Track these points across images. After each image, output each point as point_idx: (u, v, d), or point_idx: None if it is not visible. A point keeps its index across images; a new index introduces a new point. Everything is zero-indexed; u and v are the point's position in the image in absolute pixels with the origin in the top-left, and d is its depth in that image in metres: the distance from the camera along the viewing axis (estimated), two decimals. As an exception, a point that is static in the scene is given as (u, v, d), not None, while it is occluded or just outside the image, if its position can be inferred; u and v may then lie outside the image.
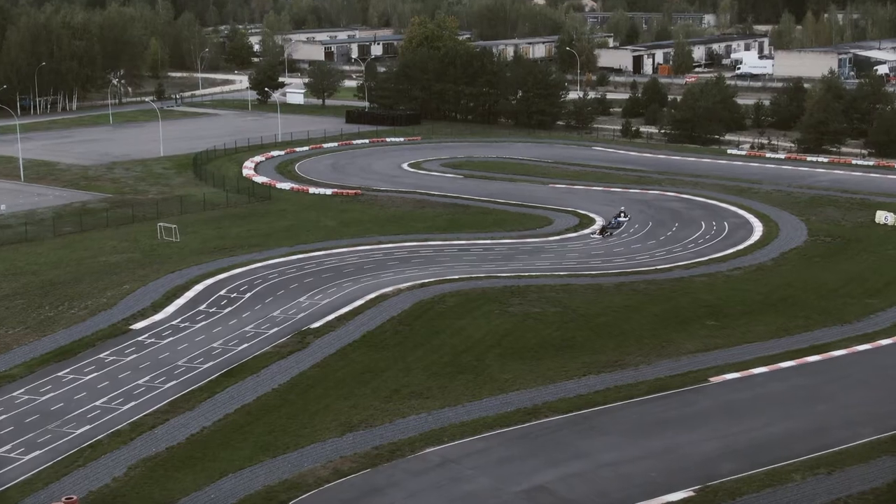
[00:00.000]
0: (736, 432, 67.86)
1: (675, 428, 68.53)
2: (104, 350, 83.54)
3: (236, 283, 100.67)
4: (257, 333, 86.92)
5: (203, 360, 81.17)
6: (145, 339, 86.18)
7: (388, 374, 77.72)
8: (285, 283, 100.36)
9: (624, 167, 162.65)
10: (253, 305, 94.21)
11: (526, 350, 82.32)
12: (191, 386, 75.95)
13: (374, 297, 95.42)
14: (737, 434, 67.65)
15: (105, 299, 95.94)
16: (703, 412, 70.89)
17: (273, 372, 78.55)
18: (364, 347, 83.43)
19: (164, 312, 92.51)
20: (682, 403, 72.34)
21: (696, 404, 72.28)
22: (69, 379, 77.42)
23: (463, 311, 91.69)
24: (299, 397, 73.65)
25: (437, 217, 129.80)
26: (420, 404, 71.99)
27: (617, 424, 69.13)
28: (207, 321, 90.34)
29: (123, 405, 72.73)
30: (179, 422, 69.82)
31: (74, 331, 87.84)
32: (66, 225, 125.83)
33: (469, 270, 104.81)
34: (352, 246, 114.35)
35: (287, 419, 69.98)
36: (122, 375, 78.07)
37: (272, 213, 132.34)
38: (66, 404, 72.78)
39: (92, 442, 67.07)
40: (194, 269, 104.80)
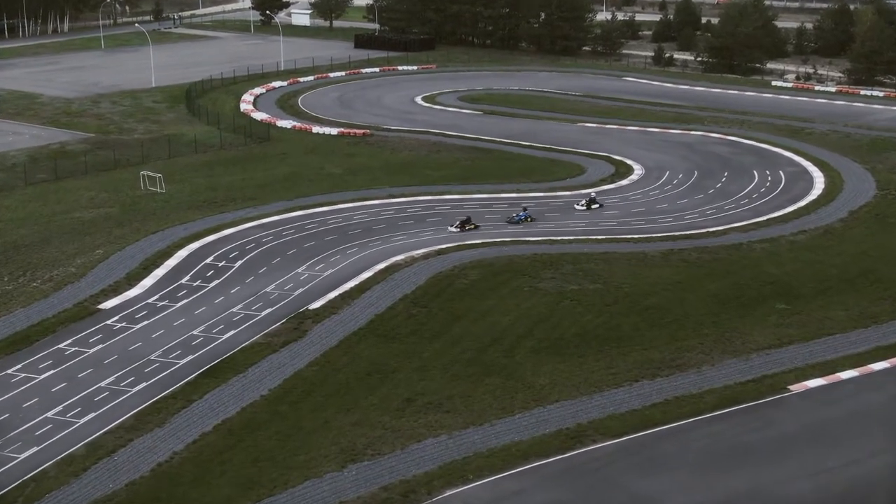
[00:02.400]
0: (831, 468, 54.84)
1: (757, 460, 55.44)
2: (65, 338, 70.56)
3: (226, 247, 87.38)
4: (247, 316, 73.85)
5: (181, 352, 68.21)
6: (115, 322, 73.15)
7: (399, 375, 64.70)
8: (282, 249, 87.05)
9: (659, 101, 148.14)
10: (243, 278, 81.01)
11: (564, 343, 69.10)
12: (163, 390, 63.07)
13: (383, 268, 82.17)
14: (833, 471, 54.63)
15: (73, 268, 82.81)
16: (788, 437, 57.75)
17: (263, 371, 65.59)
18: (371, 337, 70.32)
19: (141, 287, 79.39)
20: (761, 423, 59.25)
21: (777, 424, 59.17)
22: (19, 379, 64.55)
23: (487, 288, 78.42)
24: (292, 409, 60.74)
25: (454, 163, 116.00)
26: (438, 420, 59.03)
27: (683, 453, 56.12)
28: (189, 299, 77.24)
29: (80, 417, 59.93)
30: (146, 443, 57.01)
31: (34, 311, 74.81)
32: (41, 171, 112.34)
33: (492, 233, 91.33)
34: (359, 200, 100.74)
35: (276, 441, 57.14)
36: (82, 374, 65.18)
37: (271, 158, 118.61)
38: (12, 416, 59.98)
39: (37, 472, 54.32)
40: (179, 230, 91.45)
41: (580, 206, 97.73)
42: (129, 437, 57.46)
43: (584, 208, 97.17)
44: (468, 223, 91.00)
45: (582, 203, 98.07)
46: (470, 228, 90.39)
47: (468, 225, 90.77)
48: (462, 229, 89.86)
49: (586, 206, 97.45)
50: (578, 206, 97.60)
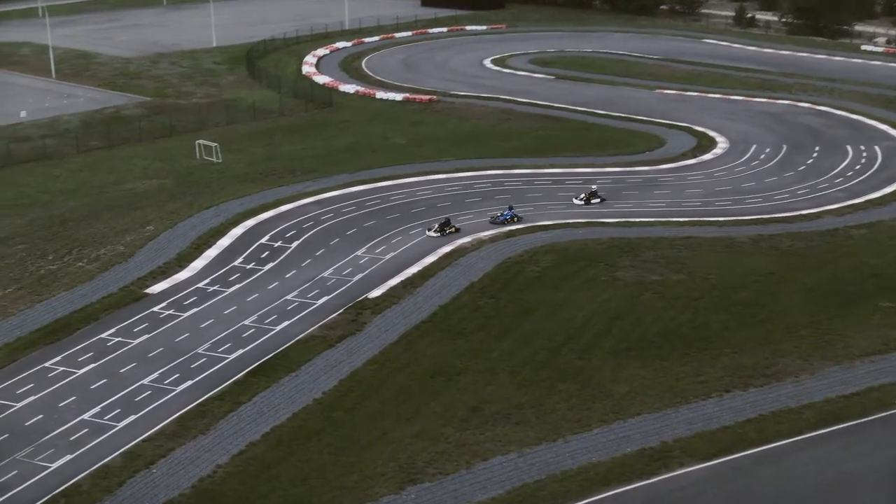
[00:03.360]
0: (953, 504, 48.56)
1: (867, 497, 49.20)
2: (109, 326, 65.97)
3: (282, 225, 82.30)
4: (302, 305, 68.72)
5: (230, 345, 63.29)
6: (162, 309, 68.44)
7: (465, 378, 59.17)
8: (341, 228, 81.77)
9: (743, 66, 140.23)
10: (300, 260, 75.88)
11: (645, 344, 63.06)
12: (210, 390, 58.15)
13: (449, 252, 76.57)
14: (955, 508, 48.36)
15: (122, 247, 78.24)
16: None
17: (317, 369, 60.43)
18: (435, 332, 64.83)
19: (191, 269, 74.58)
20: (869, 446, 52.89)
21: (887, 448, 52.79)
22: (57, 374, 60.06)
23: (560, 278, 72.50)
24: (347, 416, 55.50)
25: (525, 134, 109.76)
26: (508, 434, 53.41)
27: (783, 483, 49.91)
28: (242, 284, 72.29)
29: (119, 420, 55.22)
30: (187, 453, 52.11)
31: (77, 295, 70.36)
32: (94, 137, 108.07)
33: (565, 213, 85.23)
34: (423, 174, 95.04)
35: (329, 455, 51.92)
36: (124, 370, 60.52)
37: (332, 125, 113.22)
38: (46, 418, 55.46)
39: (68, 486, 49.68)
40: (234, 205, 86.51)
41: (579, 200, 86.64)
42: (170, 447, 52.63)
43: (582, 202, 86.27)
44: (448, 226, 79.62)
45: (581, 197, 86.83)
46: (450, 231, 79.26)
47: (448, 228, 79.49)
48: (442, 233, 78.93)
49: (585, 201, 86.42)
50: (577, 201, 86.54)
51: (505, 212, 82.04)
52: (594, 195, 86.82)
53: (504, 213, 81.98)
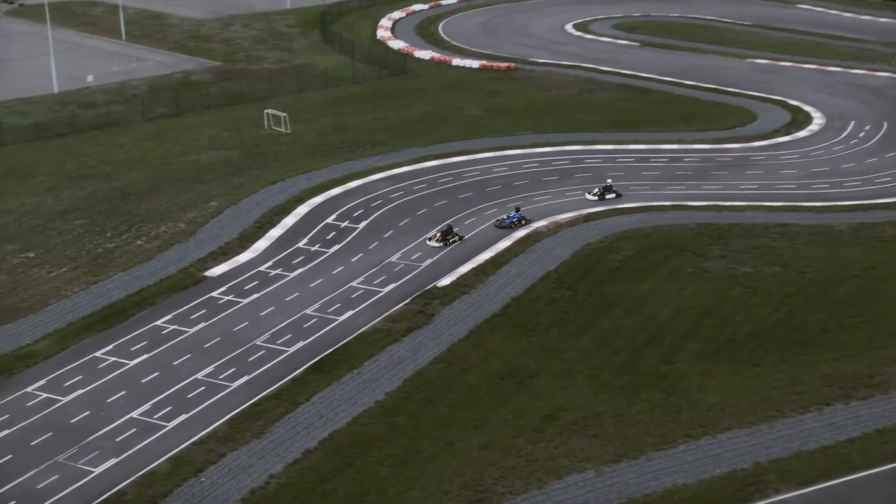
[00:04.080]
0: None
1: None
2: (165, 312, 62.68)
3: (350, 203, 78.40)
4: (367, 293, 64.82)
5: (290, 336, 59.63)
6: (221, 295, 64.99)
7: (538, 382, 54.82)
8: (411, 207, 77.65)
9: (839, 34, 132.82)
10: (367, 243, 71.98)
11: (736, 346, 58.13)
12: (267, 387, 54.50)
13: (523, 237, 72.11)
14: None
15: (183, 224, 74.98)
16: None
17: (380, 366, 56.49)
18: (507, 327, 60.53)
19: (253, 250, 71.04)
20: None
21: None
22: (108, 365, 56.86)
23: (643, 268, 67.68)
24: (411, 422, 51.48)
25: (607, 105, 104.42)
26: (584, 449, 48.95)
27: (889, 516, 45.16)
28: (306, 268, 68.60)
29: (169, 419, 51.82)
30: (239, 460, 48.51)
31: (134, 276, 67.21)
32: (161, 104, 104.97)
33: (649, 195, 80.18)
34: (499, 149, 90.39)
35: (390, 468, 47.96)
36: (178, 361, 57.15)
37: (406, 94, 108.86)
38: (93, 414, 52.24)
39: (111, 495, 46.33)
40: (301, 180, 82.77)
41: (592, 195, 78.63)
42: (221, 451, 49.08)
43: (595, 198, 78.27)
44: (451, 234, 71.18)
45: (595, 192, 78.74)
46: (454, 241, 70.84)
47: (451, 237, 71.04)
48: (445, 243, 70.61)
49: (599, 196, 78.45)
50: (590, 196, 78.59)
51: (512, 214, 73.85)
52: (609, 190, 78.53)
53: (511, 215, 73.75)
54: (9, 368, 56.44)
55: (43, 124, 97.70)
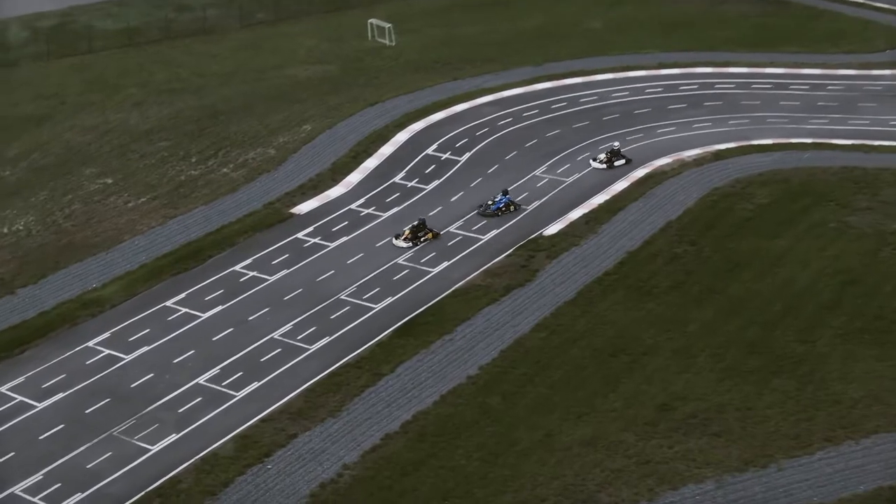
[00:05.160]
0: None
1: None
2: (245, 255, 57.38)
3: (453, 131, 71.78)
4: (465, 241, 58.56)
5: (378, 291, 53.80)
6: (307, 236, 59.42)
7: (653, 361, 48.02)
8: (519, 138, 70.72)
9: None
10: (468, 179, 65.54)
11: (885, 325, 50.26)
12: (349, 352, 48.81)
13: (642, 177, 64.80)
14: None
15: (273, 150, 69.36)
16: None
17: (475, 332, 50.32)
18: (620, 289, 53.69)
19: (345, 184, 65.18)
20: None
21: None
22: (179, 317, 51.82)
23: (779, 221, 59.89)
24: (506, 405, 45.32)
25: (741, 20, 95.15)
26: (704, 450, 42.21)
27: None
28: (401, 207, 62.58)
29: (239, 388, 46.54)
30: (311, 444, 43.06)
31: (215, 211, 62.06)
32: (260, 9, 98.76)
33: (786, 130, 71.69)
34: (620, 70, 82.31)
35: (479, 463, 41.96)
36: (254, 317, 51.84)
37: (519, 3, 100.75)
38: (156, 378, 47.23)
39: (165, 481, 41.34)
40: (402, 102, 76.16)
41: (598, 162, 66.36)
42: (293, 432, 43.70)
43: (603, 166, 66.05)
44: (421, 230, 58.53)
45: (600, 158, 66.48)
46: (425, 239, 58.34)
47: (422, 233, 58.44)
48: (414, 242, 58.15)
49: (607, 163, 66.07)
50: (596, 163, 66.35)
51: (498, 198, 61.30)
52: (617, 154, 66.46)
53: (498, 199, 61.24)
54: (73, 317, 51.88)
55: (135, 29, 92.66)
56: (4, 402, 45.62)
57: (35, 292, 53.99)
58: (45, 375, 47.29)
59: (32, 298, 53.43)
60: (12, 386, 46.58)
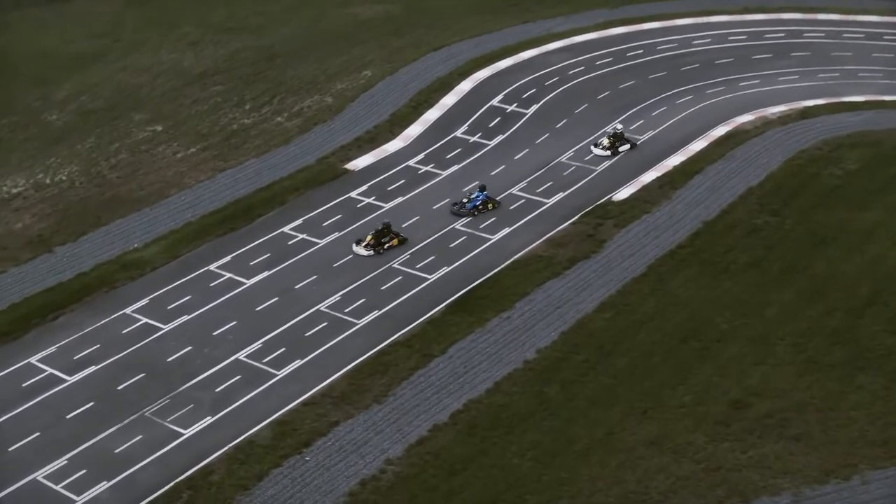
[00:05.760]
0: None
1: None
2: (295, 215, 54.35)
3: (521, 80, 67.78)
4: (528, 205, 54.93)
5: (433, 260, 50.43)
6: (361, 196, 56.12)
7: (727, 349, 44.07)
8: (591, 89, 66.51)
9: None
10: (534, 135, 61.69)
11: None
12: (398, 329, 45.57)
13: (722, 136, 60.45)
14: None
15: (330, 98, 65.95)
16: None
17: (535, 310, 46.75)
18: (694, 264, 49.68)
19: (404, 138, 61.66)
20: None
21: None
22: (221, 284, 48.90)
23: (869, 190, 55.35)
24: (565, 396, 41.82)
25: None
26: (781, 456, 38.41)
27: None
28: (461, 164, 59.00)
29: (281, 365, 43.59)
30: (353, 434, 40.01)
31: (266, 165, 59.00)
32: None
33: (880, 86, 66.50)
34: (703, 13, 77.21)
35: (532, 463, 38.58)
36: (301, 284, 48.80)
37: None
38: (194, 351, 44.43)
39: (197, 470, 38.62)
40: (467, 46, 72.14)
41: (600, 148, 59.07)
42: (334, 419, 40.73)
43: (606, 153, 58.80)
44: (386, 235, 51.15)
45: (602, 143, 59.20)
46: (390, 246, 51.02)
47: (386, 239, 51.07)
48: (376, 249, 50.76)
49: (609, 149, 58.82)
50: (598, 150, 59.01)
51: (474, 195, 54.14)
52: (621, 139, 59.31)
53: (474, 196, 54.05)
54: (111, 280, 49.27)
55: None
56: (33, 375, 43.22)
57: (74, 251, 51.50)
58: (78, 345, 44.81)
59: (71, 258, 50.95)
60: (43, 357, 44.17)
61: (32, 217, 54.54)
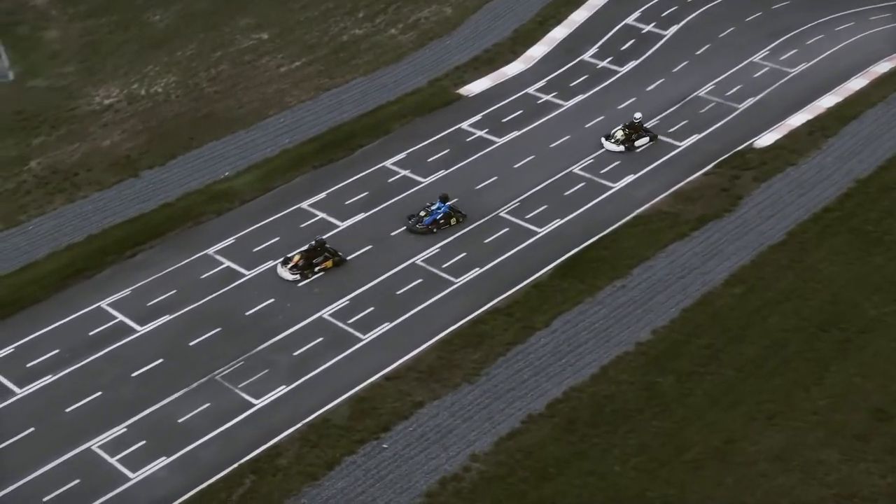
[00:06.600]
0: None
1: None
2: (399, 147, 49.79)
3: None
4: (657, 149, 49.05)
5: (546, 209, 45.42)
6: (472, 128, 51.13)
7: (874, 342, 38.27)
8: (740, 9, 59.54)
9: None
10: (671, 62, 55.60)
11: None
12: (499, 291, 41.02)
13: (886, 73, 53.30)
14: None
15: (450, 8, 60.85)
16: None
17: (655, 277, 41.50)
18: (842, 232, 43.56)
19: (526, 59, 56.37)
20: None
21: None
22: (311, 226, 44.83)
23: None
24: (679, 390, 36.77)
25: None
26: (929, 482, 33.26)
27: None
28: (586, 95, 53.44)
29: (367, 329, 39.47)
30: (439, 419, 35.75)
31: (374, 84, 54.50)
32: None
33: None
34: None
35: (634, 473, 33.85)
36: (396, 233, 44.40)
37: None
38: (275, 306, 40.68)
39: (265, 450, 35.06)
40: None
41: (612, 141, 48.77)
42: (418, 399, 36.60)
43: (619, 147, 48.46)
44: (318, 255, 42.14)
45: (616, 136, 48.84)
46: (321, 269, 41.93)
47: (319, 259, 42.07)
48: (304, 273, 41.70)
49: (624, 143, 48.55)
50: (610, 144, 48.69)
51: (435, 206, 44.49)
52: (638, 130, 49.03)
53: (434, 209, 44.38)
54: (197, 213, 45.73)
55: None
56: (103, 322, 40.10)
57: (161, 176, 48.04)
58: (154, 289, 41.49)
59: (157, 184, 47.52)
60: (115, 301, 41.01)
61: (122, 134, 51.14)
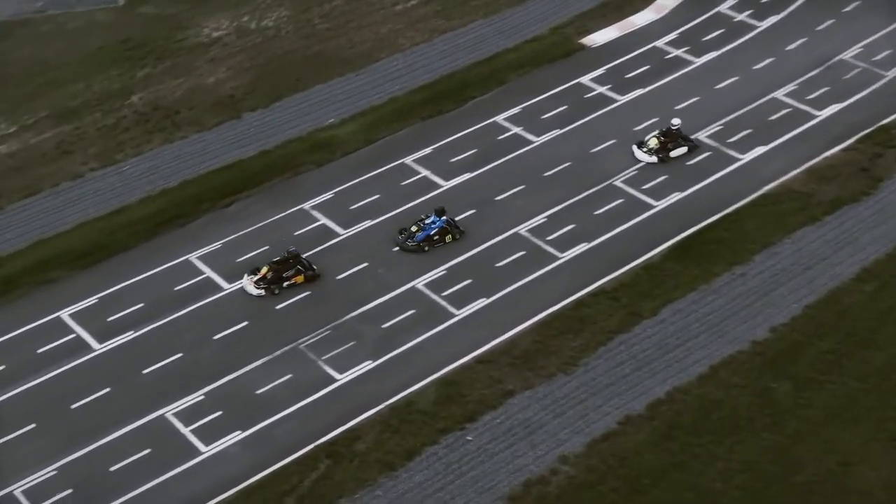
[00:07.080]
0: None
1: None
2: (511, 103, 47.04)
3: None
4: (793, 117, 45.22)
5: (660, 183, 42.12)
6: (593, 83, 47.83)
7: None
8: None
9: None
10: (816, 17, 51.30)
11: None
12: (605, 272, 38.20)
13: None
14: None
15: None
16: None
17: (778, 266, 38.19)
18: None
19: (657, 9, 53.06)
20: None
21: None
22: (411, 185, 42.50)
23: None
24: (795, 399, 33.57)
25: None
26: None
27: None
28: (719, 52, 49.63)
29: (462, 304, 37.12)
30: (529, 412, 33.34)
31: (492, 30, 52.03)
32: None
33: None
34: None
35: (740, 495, 30.91)
36: (501, 197, 41.77)
37: None
38: (365, 273, 38.60)
39: (341, 432, 33.16)
40: None
41: (644, 150, 42.89)
42: (509, 387, 34.27)
43: (653, 158, 42.60)
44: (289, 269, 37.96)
45: (649, 145, 42.99)
46: (290, 283, 37.77)
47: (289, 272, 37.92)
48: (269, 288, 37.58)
49: (658, 153, 42.70)
50: (641, 151, 42.92)
51: (429, 220, 39.93)
52: (675, 138, 43.10)
53: (428, 223, 39.81)
54: (296, 163, 43.92)
55: None
56: (191, 277, 38.64)
57: (264, 119, 46.26)
58: (245, 244, 39.90)
59: (258, 128, 45.76)
60: (204, 254, 39.52)
61: (228, 70, 49.34)
